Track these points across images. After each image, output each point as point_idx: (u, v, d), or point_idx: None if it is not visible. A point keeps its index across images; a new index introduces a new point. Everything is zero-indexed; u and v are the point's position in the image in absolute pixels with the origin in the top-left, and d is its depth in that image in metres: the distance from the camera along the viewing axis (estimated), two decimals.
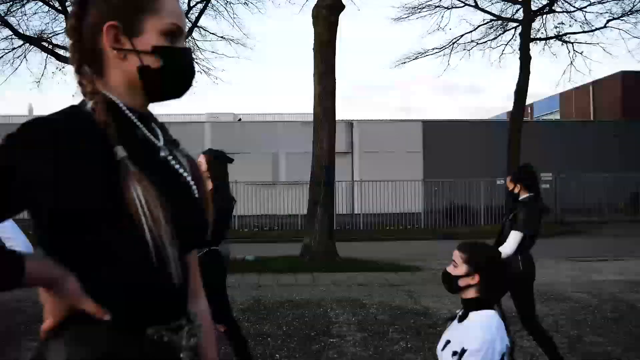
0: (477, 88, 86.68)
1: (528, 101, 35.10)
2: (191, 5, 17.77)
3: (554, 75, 68.51)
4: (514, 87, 17.73)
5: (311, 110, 10.98)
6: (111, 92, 1.14)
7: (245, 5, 17.86)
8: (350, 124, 25.00)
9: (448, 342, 2.52)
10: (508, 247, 4.07)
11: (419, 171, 23.54)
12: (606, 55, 35.76)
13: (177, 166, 1.19)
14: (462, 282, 2.52)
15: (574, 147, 23.97)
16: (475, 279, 2.50)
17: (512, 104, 18.12)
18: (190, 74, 1.20)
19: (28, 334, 5.59)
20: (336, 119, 10.94)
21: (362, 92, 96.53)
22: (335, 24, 10.70)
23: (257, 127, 25.08)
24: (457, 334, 2.50)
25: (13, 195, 1.00)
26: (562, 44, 18.74)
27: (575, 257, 11.54)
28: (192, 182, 1.20)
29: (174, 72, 1.17)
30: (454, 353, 2.41)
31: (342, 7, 10.81)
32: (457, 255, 2.57)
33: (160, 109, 35.10)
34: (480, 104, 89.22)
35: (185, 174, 1.20)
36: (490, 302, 2.53)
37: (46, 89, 75.42)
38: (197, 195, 1.20)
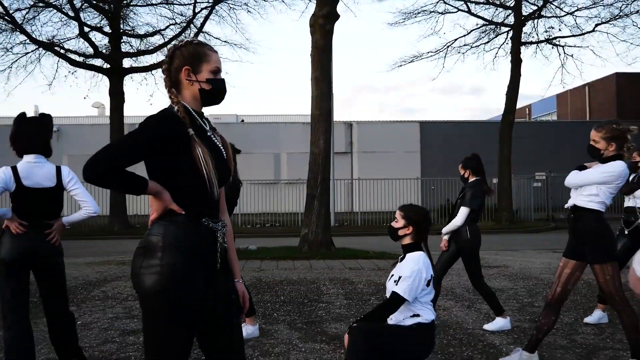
0: (480, 88, 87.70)
1: (526, 102, 36.31)
2: (196, 11, 18.90)
3: (551, 77, 70.03)
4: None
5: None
6: (184, 101, 2.26)
7: (248, 12, 18.95)
8: (349, 124, 26.17)
9: (392, 275, 3.65)
10: (458, 220, 5.20)
11: (416, 170, 24.68)
12: (598, 57, 36.95)
13: (215, 140, 2.32)
14: (400, 232, 3.65)
15: (568, 146, 25.03)
16: (410, 229, 3.63)
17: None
18: (224, 92, 2.33)
19: None
20: (336, 119, 12.02)
21: (364, 93, 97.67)
22: (330, 32, 11.83)
23: (259, 128, 26.23)
24: (398, 269, 3.63)
25: (142, 154, 2.13)
26: (552, 47, 19.82)
27: (558, 249, 12.59)
28: (222, 149, 2.34)
29: (217, 91, 2.30)
30: (394, 281, 3.54)
31: (337, 16, 11.95)
32: (398, 214, 3.70)
33: None
34: (483, 105, 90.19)
35: (219, 145, 2.33)
36: (420, 245, 3.67)
37: (57, 91, 77.26)
38: (225, 156, 2.34)
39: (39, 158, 3.68)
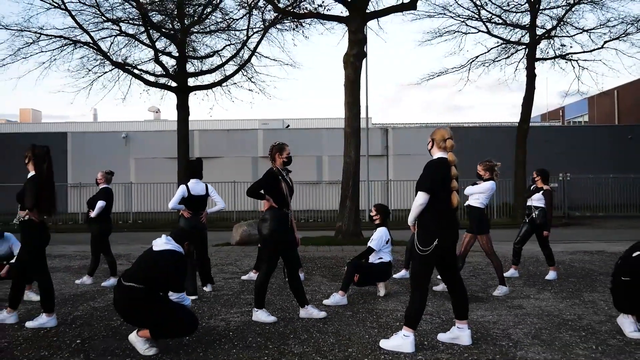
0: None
1: (559, 105, 39.36)
2: (249, 35, 23.12)
3: (575, 85, 72.89)
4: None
5: None
6: (277, 165, 6.34)
7: (293, 36, 23.06)
8: (385, 129, 30.11)
9: (368, 238, 7.75)
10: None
11: None
12: (611, 69, 40.29)
13: (288, 179, 6.45)
14: (374, 218, 7.76)
15: (591, 149, 28.33)
16: (379, 216, 7.73)
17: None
18: (292, 161, 6.44)
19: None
20: (374, 125, 15.63)
21: (409, 91, 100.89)
22: (359, 67, 15.82)
23: (303, 133, 30.45)
24: (373, 235, 7.72)
25: (263, 186, 6.28)
26: (566, 62, 23.26)
27: (561, 240, 16.18)
28: (290, 182, 6.47)
29: (289, 162, 6.39)
30: (370, 240, 7.64)
31: (365, 55, 15.95)
32: (373, 208, 7.80)
33: (224, 117, 40.53)
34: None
35: (289, 180, 6.46)
36: (386, 225, 7.74)
37: (129, 104, 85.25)
38: (290, 184, 6.47)
39: (197, 180, 7.90)
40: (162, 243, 5.26)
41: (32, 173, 6.09)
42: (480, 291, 8.22)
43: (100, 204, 8.79)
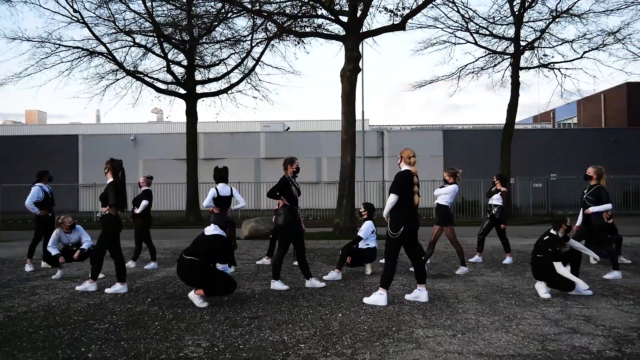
0: (526, 85, 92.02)
1: (550, 107, 41.98)
2: (253, 45, 25.59)
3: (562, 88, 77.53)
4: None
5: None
6: (288, 174, 8.83)
7: (295, 50, 25.46)
8: (381, 132, 32.62)
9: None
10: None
11: (440, 173, 30.85)
12: (592, 77, 43.66)
13: (296, 183, 8.95)
14: (363, 214, 10.30)
15: (579, 150, 30.82)
16: (366, 212, 10.27)
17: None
18: (299, 170, 8.95)
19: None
20: (370, 127, 18.09)
21: (410, 91, 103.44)
22: (355, 80, 18.31)
23: (303, 136, 32.93)
24: (361, 227, 10.25)
25: (279, 190, 8.78)
26: (549, 70, 25.77)
27: (530, 235, 18.67)
28: (297, 185, 8.98)
29: (298, 171, 8.91)
30: (359, 230, 10.17)
31: (360, 69, 18.44)
32: (362, 206, 10.33)
33: (227, 120, 42.77)
34: (528, 100, 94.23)
35: (297, 185, 8.97)
36: (371, 219, 10.28)
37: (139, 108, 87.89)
38: (298, 187, 8.98)
39: (224, 184, 10.38)
40: (212, 229, 7.78)
41: (110, 179, 8.59)
42: (447, 271, 10.73)
43: (144, 202, 11.29)
